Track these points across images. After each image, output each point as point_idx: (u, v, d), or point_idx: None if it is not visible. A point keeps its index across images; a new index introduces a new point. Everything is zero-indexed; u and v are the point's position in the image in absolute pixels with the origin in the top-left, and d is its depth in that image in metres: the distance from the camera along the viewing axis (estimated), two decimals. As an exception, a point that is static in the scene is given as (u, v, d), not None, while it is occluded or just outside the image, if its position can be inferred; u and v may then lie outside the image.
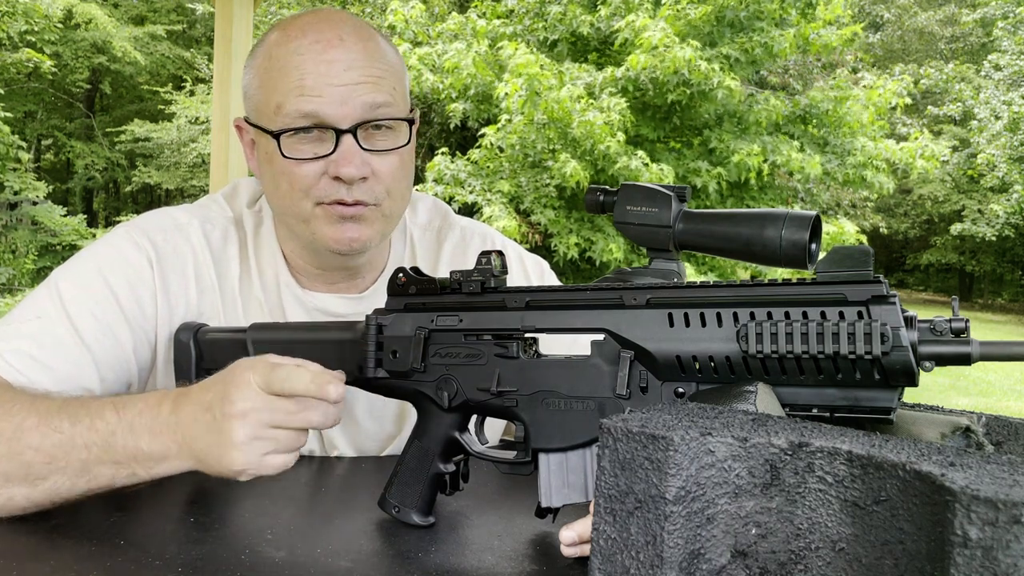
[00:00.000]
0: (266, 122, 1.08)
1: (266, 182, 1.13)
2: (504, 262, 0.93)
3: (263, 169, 1.13)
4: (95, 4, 16.66)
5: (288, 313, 1.20)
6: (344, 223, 1.08)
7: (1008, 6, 19.35)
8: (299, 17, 1.11)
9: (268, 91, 1.07)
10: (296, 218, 1.11)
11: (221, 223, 1.21)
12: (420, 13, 11.51)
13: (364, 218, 1.09)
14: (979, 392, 8.92)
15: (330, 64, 1.05)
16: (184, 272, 1.16)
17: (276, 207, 1.15)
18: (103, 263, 1.12)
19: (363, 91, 1.06)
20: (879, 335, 0.66)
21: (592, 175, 9.31)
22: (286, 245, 1.20)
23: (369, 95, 1.06)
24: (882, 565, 0.55)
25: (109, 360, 1.09)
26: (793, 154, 9.97)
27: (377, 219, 1.11)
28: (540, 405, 0.86)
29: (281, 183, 1.09)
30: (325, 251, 1.12)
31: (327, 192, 1.07)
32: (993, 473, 0.51)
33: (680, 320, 0.76)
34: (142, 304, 1.12)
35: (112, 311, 1.09)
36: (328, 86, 1.04)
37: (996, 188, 19.22)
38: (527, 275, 1.34)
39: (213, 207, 1.24)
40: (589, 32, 10.76)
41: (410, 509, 0.92)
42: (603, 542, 0.63)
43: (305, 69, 1.05)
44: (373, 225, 1.10)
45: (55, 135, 19.20)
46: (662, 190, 0.85)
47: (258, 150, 1.13)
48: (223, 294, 1.18)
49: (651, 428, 0.61)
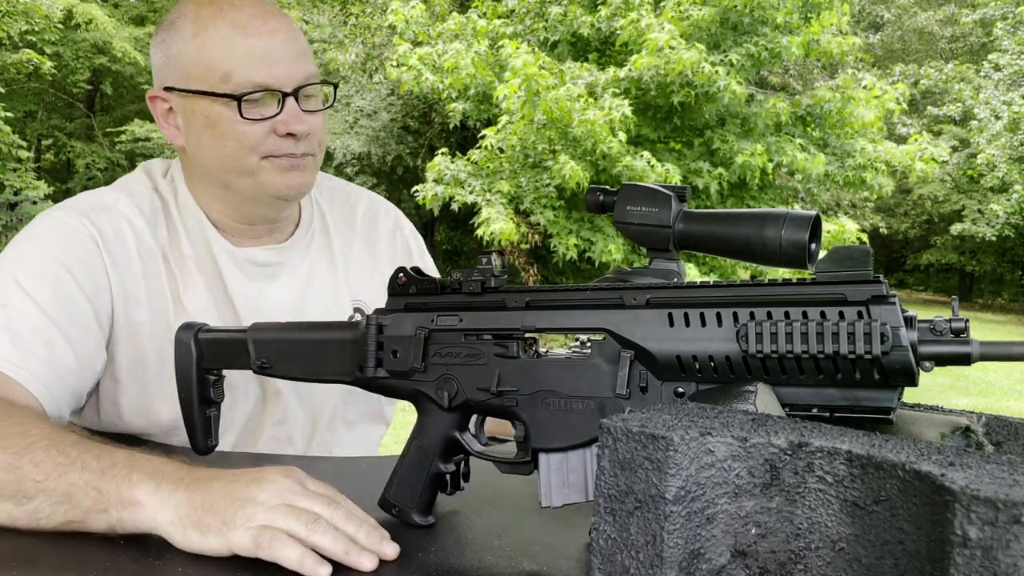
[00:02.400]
0: (214, 87, 1.17)
1: (203, 144, 1.22)
2: (504, 262, 0.93)
3: (200, 133, 1.21)
4: (95, 4, 16.66)
5: (222, 268, 1.29)
6: (291, 172, 1.22)
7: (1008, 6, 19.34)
8: None
9: (211, 60, 1.17)
10: (241, 173, 1.22)
11: (147, 195, 1.30)
12: (420, 13, 11.50)
13: (306, 166, 1.24)
14: (979, 392, 8.91)
15: (273, 35, 1.19)
16: (125, 246, 1.24)
17: (215, 167, 1.23)
18: (52, 245, 1.19)
19: (301, 61, 1.21)
20: (879, 335, 0.66)
21: (593, 176, 9.30)
22: (211, 207, 1.30)
23: (305, 64, 1.22)
24: (882, 565, 0.55)
25: (77, 335, 1.16)
26: (797, 154, 9.96)
27: (313, 167, 1.27)
28: (540, 405, 0.86)
29: (228, 142, 1.19)
30: (269, 199, 1.24)
31: (277, 147, 1.20)
32: (993, 473, 0.51)
33: (680, 320, 0.77)
34: (96, 279, 1.20)
35: (71, 288, 1.17)
36: (276, 56, 1.18)
37: (996, 188, 19.21)
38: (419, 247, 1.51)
39: (133, 183, 1.33)
40: (590, 33, 10.75)
41: (410, 509, 0.92)
42: (603, 542, 0.63)
43: (250, 41, 1.17)
44: (312, 172, 1.27)
45: (55, 135, 19.20)
46: (662, 190, 0.85)
47: (192, 115, 1.21)
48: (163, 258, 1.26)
49: (651, 428, 0.61)
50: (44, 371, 1.10)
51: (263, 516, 0.79)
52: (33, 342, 1.10)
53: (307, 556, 0.77)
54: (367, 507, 0.97)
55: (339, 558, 0.78)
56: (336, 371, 1.01)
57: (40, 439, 0.90)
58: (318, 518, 0.80)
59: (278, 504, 0.80)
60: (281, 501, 0.80)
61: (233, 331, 1.09)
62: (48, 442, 0.89)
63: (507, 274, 0.93)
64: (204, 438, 1.09)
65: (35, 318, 1.11)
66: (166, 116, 1.25)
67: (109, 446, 0.91)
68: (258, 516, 0.79)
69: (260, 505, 0.80)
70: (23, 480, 0.86)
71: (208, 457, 1.10)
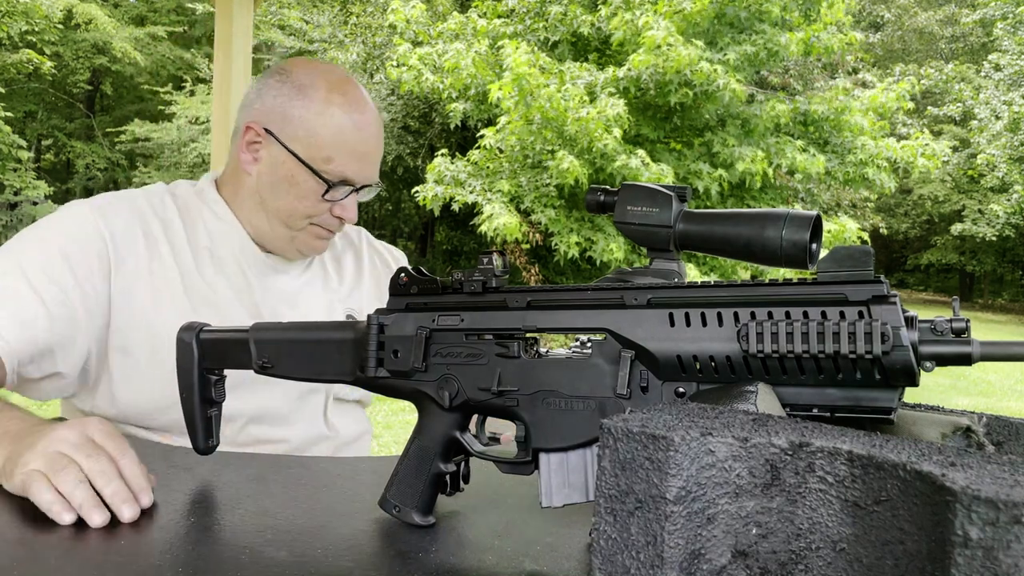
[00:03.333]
0: (313, 163, 1.34)
1: (272, 188, 1.38)
2: (505, 262, 0.93)
3: (275, 180, 1.37)
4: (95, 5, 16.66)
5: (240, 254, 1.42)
6: (322, 240, 1.43)
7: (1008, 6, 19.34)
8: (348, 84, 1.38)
9: (323, 141, 1.34)
10: (286, 225, 1.39)
11: (158, 192, 1.44)
12: (421, 13, 11.50)
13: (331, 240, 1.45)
14: (980, 392, 8.92)
15: (375, 143, 1.39)
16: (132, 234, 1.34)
17: (270, 206, 1.39)
18: (58, 231, 1.30)
19: (377, 167, 1.42)
20: (879, 335, 0.66)
21: (590, 174, 9.29)
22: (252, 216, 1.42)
23: (377, 169, 1.42)
24: (882, 565, 0.55)
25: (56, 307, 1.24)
26: (797, 155, 9.96)
27: None
28: (541, 405, 0.86)
29: (298, 204, 1.37)
30: (294, 250, 1.43)
31: (325, 221, 1.39)
32: (994, 473, 0.51)
33: (681, 320, 0.77)
34: (92, 269, 1.28)
35: (59, 266, 1.25)
36: (368, 161, 1.38)
37: (996, 188, 19.21)
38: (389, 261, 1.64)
39: (150, 186, 1.46)
40: (590, 32, 10.75)
41: (410, 509, 0.92)
42: (603, 542, 0.63)
43: (359, 143, 1.36)
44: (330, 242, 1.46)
45: (55, 135, 19.20)
46: (663, 190, 0.85)
47: (276, 164, 1.37)
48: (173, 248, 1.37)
49: (651, 428, 0.61)
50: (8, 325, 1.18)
51: (33, 461, 0.90)
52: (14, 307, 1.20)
53: (56, 502, 0.87)
54: (367, 507, 0.97)
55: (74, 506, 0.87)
56: (337, 371, 1.01)
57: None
58: (68, 465, 0.89)
59: (50, 452, 0.91)
60: (54, 449, 0.91)
61: (234, 331, 1.09)
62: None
63: (508, 274, 0.93)
64: (205, 438, 1.09)
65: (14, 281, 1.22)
66: (250, 145, 1.39)
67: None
68: (30, 462, 0.91)
69: (35, 452, 0.92)
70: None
71: (210, 456, 1.10)
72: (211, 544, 0.85)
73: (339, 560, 0.81)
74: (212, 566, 0.79)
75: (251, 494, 1.02)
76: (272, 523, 0.92)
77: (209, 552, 0.83)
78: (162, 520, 0.92)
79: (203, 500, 1.00)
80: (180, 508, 0.97)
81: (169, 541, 0.85)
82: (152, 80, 18.51)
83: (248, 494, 1.02)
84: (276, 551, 0.83)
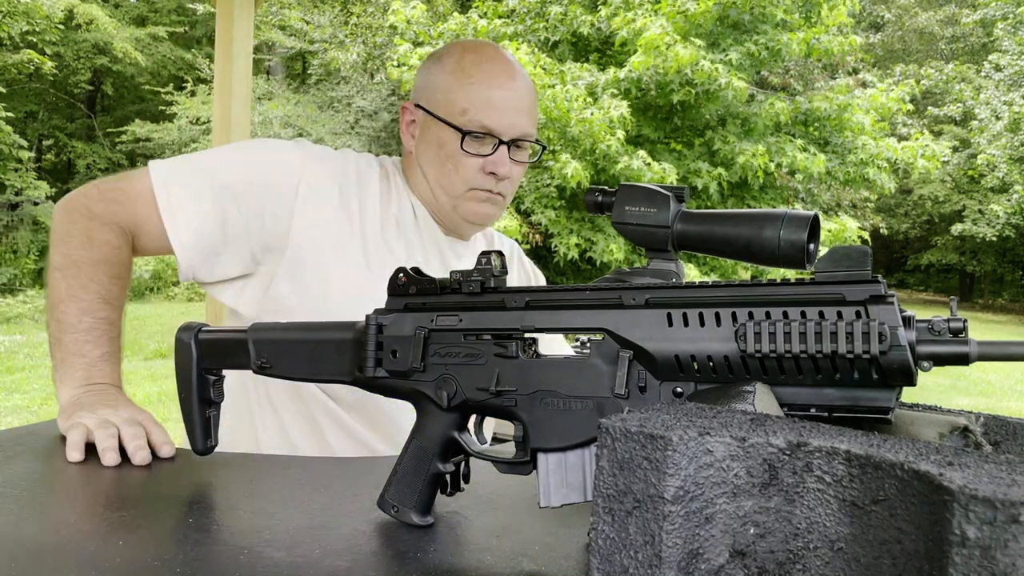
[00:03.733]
0: (450, 117, 1.42)
1: (428, 158, 1.47)
2: (504, 262, 0.93)
3: (428, 147, 1.46)
4: (96, 5, 16.67)
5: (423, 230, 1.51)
6: (484, 203, 1.47)
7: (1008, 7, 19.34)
8: (486, 46, 1.47)
9: (458, 95, 1.41)
10: (446, 193, 1.46)
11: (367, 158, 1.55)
12: (421, 13, 11.50)
13: (496, 202, 1.47)
14: (979, 392, 8.92)
15: (510, 92, 1.42)
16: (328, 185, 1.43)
17: (431, 178, 1.47)
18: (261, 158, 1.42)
19: (524, 119, 1.44)
20: (877, 335, 0.66)
21: (592, 175, 9.30)
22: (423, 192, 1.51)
23: (526, 123, 1.44)
24: (880, 565, 0.55)
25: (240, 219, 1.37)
26: (797, 154, 9.96)
27: (502, 204, 1.50)
28: (539, 405, 0.86)
29: (447, 164, 1.44)
30: (460, 220, 1.49)
31: (481, 182, 1.44)
32: (991, 472, 0.51)
33: (679, 320, 0.76)
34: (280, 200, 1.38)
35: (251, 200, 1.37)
36: (506, 110, 1.41)
37: (996, 188, 19.21)
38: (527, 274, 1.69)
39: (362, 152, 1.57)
40: (590, 32, 10.76)
41: (409, 509, 0.92)
42: (602, 542, 0.63)
43: (493, 91, 1.41)
44: (499, 208, 1.50)
45: (56, 135, 19.21)
46: (661, 190, 0.85)
47: (425, 132, 1.46)
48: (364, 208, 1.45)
49: (649, 428, 0.61)
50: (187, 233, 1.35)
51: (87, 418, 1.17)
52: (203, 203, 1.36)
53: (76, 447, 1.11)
54: (366, 507, 0.97)
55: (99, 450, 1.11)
56: (336, 371, 1.01)
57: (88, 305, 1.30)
58: (108, 424, 1.15)
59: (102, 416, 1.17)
60: (105, 417, 1.17)
61: (233, 331, 1.09)
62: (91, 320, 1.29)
63: (506, 274, 0.93)
64: (203, 438, 1.09)
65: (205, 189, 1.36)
66: (409, 125, 1.51)
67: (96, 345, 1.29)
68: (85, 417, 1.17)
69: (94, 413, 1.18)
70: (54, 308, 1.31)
71: (208, 457, 1.10)
72: (210, 544, 0.85)
73: (337, 560, 0.81)
74: (211, 566, 0.79)
75: (249, 494, 1.02)
76: (270, 523, 0.92)
77: (208, 552, 0.83)
78: (161, 520, 0.92)
79: (201, 500, 1.00)
80: (179, 508, 0.97)
81: (168, 541, 0.85)
82: (153, 80, 18.52)
83: (246, 494, 1.02)
84: (275, 551, 0.83)
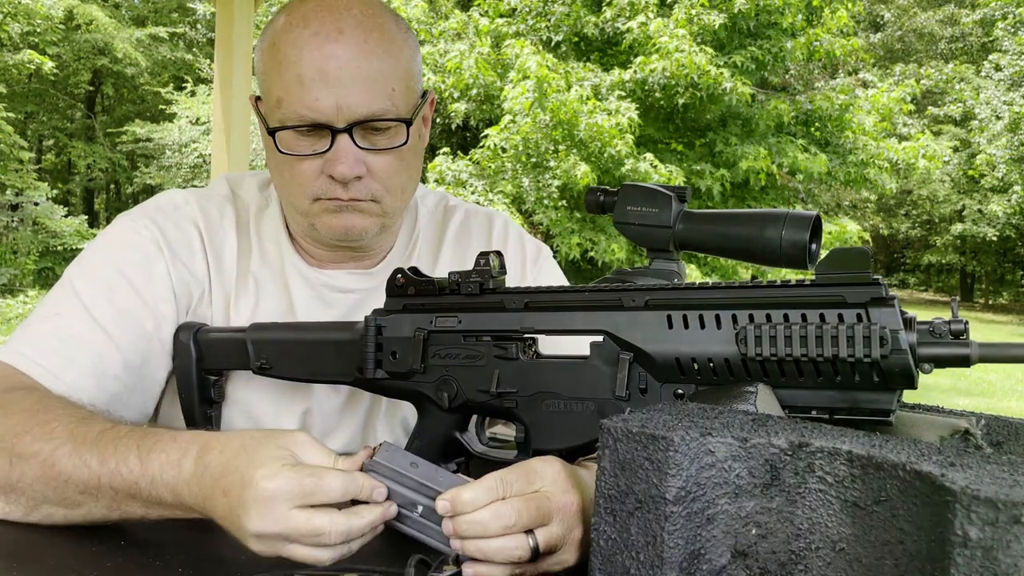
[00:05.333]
0: (267, 112, 1.06)
1: (270, 166, 1.13)
2: (503, 262, 0.92)
3: (267, 154, 1.11)
4: (96, 5, 16.66)
5: (292, 289, 1.19)
6: (341, 212, 1.07)
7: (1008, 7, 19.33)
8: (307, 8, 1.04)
9: (270, 82, 1.04)
10: (294, 209, 1.11)
11: (217, 200, 1.21)
12: (422, 12, 11.50)
13: (361, 209, 1.08)
14: (980, 392, 8.91)
15: (327, 60, 1.00)
16: (191, 247, 1.16)
17: (279, 194, 1.16)
18: (112, 252, 1.12)
19: (358, 92, 1.01)
20: (878, 338, 0.66)
21: (598, 177, 9.30)
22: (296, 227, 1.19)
23: (363, 96, 1.02)
24: (882, 565, 0.55)
25: (131, 343, 1.08)
26: (799, 155, 9.96)
27: (375, 213, 1.09)
28: (540, 406, 0.85)
29: (284, 173, 1.08)
30: (327, 240, 1.13)
31: (324, 190, 1.06)
32: (993, 473, 0.51)
33: (679, 322, 0.76)
34: (156, 284, 1.12)
35: (127, 296, 1.09)
36: (324, 86, 1.00)
37: (996, 188, 19.21)
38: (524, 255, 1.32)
39: (214, 186, 1.25)
40: (593, 33, 10.75)
41: (410, 509, 0.92)
42: (603, 542, 0.63)
43: (303, 65, 1.00)
44: (370, 217, 1.09)
45: (56, 136, 19.21)
46: (662, 190, 0.85)
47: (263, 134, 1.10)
48: (220, 267, 1.18)
49: (651, 428, 0.61)
50: (83, 380, 1.03)
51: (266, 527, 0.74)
52: (78, 351, 1.04)
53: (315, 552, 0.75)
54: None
55: None
56: (336, 372, 1.01)
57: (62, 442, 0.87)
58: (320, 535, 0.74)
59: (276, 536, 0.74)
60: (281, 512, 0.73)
61: (232, 331, 1.09)
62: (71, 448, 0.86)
63: (505, 274, 0.93)
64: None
65: (84, 327, 1.05)
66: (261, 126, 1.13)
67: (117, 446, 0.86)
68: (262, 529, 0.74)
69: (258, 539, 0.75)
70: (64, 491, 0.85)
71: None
72: (211, 544, 0.85)
73: (339, 560, 0.81)
74: (211, 566, 0.79)
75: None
76: (272, 524, 0.92)
77: (209, 552, 0.83)
78: (162, 520, 0.92)
79: (203, 501, 1.00)
80: (180, 509, 0.96)
81: (169, 541, 0.85)
82: (153, 80, 18.51)
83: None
84: (276, 551, 0.83)
